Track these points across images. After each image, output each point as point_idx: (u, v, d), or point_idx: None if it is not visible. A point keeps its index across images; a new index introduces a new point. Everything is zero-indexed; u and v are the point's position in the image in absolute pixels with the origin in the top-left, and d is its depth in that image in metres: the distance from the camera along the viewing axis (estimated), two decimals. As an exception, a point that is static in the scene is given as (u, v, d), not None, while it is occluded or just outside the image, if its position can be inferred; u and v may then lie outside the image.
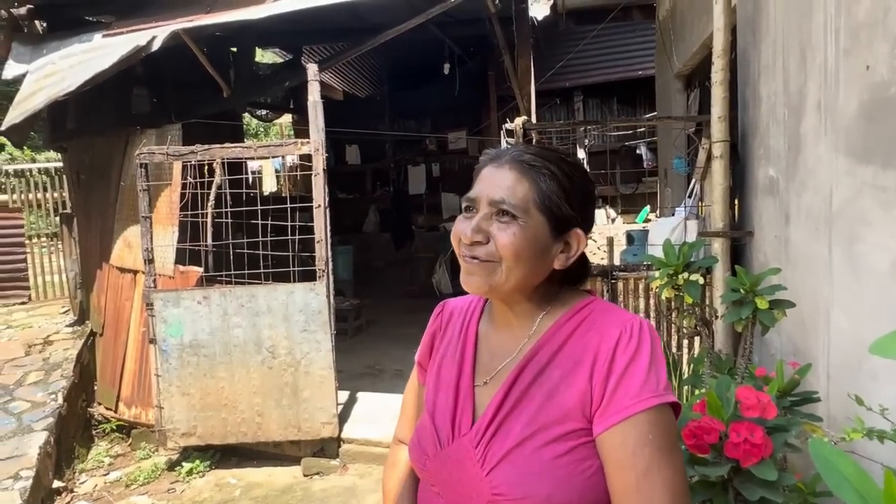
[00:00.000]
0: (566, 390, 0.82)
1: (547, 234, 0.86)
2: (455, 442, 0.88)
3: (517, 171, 0.86)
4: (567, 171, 0.87)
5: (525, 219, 0.84)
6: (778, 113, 2.33)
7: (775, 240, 2.37)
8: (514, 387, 0.86)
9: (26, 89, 4.19)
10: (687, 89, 4.64)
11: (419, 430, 0.96)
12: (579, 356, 0.83)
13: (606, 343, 0.82)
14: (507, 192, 0.85)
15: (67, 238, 5.67)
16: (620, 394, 0.78)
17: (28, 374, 4.36)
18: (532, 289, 0.89)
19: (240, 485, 3.59)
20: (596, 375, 0.81)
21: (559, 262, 0.87)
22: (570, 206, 0.86)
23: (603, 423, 0.79)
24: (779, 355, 2.25)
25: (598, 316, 0.87)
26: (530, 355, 0.87)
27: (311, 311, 3.61)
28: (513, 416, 0.84)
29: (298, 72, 5.09)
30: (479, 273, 0.86)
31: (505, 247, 0.84)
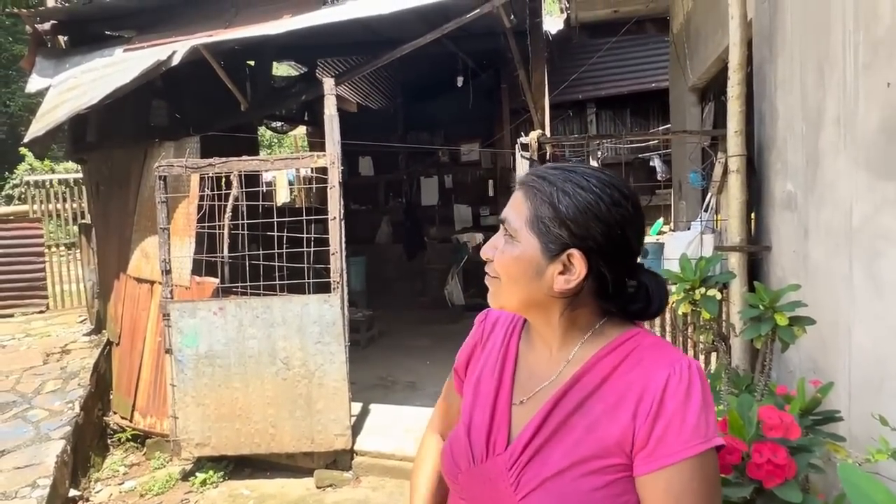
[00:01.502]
0: (608, 425, 0.81)
1: (538, 255, 0.84)
2: (489, 461, 0.88)
3: (522, 192, 0.88)
4: (569, 190, 0.84)
5: (519, 238, 0.86)
6: (795, 127, 2.32)
7: (794, 255, 2.35)
8: (552, 413, 0.84)
9: (49, 102, 4.28)
10: (701, 102, 4.63)
11: (453, 442, 0.96)
12: (623, 392, 0.81)
13: (654, 383, 0.80)
14: (510, 212, 0.88)
15: (86, 248, 5.76)
16: (670, 438, 0.77)
17: (46, 382, 4.41)
18: (554, 311, 0.88)
19: (253, 496, 3.60)
20: (641, 415, 0.79)
21: (559, 284, 0.84)
22: (564, 227, 0.83)
23: (648, 465, 0.77)
24: (798, 372, 2.22)
25: (645, 352, 0.84)
26: (571, 383, 0.85)
27: (326, 323, 3.62)
28: (551, 444, 0.83)
29: (314, 85, 5.16)
30: (490, 289, 0.91)
31: (498, 265, 0.87)
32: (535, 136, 3.26)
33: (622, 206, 0.84)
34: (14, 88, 12.87)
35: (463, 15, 3.76)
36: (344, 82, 6.84)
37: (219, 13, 4.33)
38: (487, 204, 8.89)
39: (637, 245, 0.87)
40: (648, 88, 7.76)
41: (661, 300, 0.89)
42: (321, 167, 3.69)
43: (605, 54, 7.09)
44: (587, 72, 7.38)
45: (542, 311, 0.88)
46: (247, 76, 5.83)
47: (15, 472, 3.33)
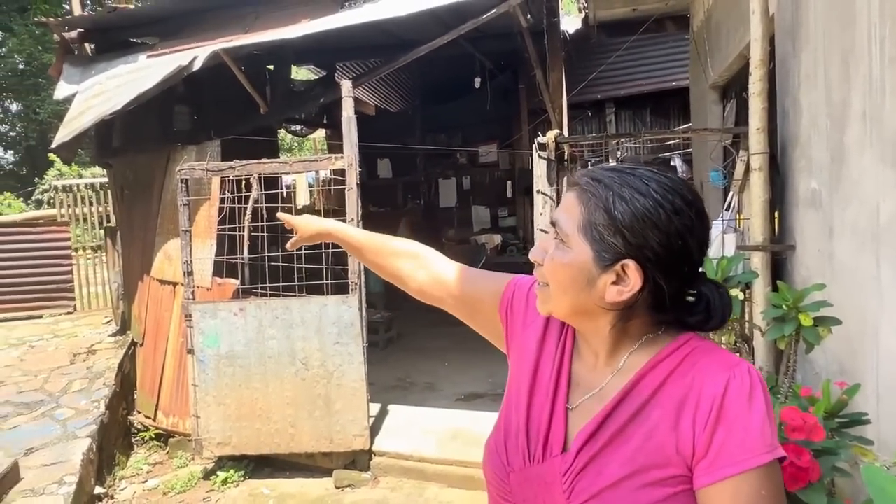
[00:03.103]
0: (667, 433, 0.76)
1: (590, 264, 0.79)
2: (546, 462, 0.84)
3: (575, 194, 0.83)
4: (626, 195, 0.78)
5: (570, 244, 0.81)
6: (820, 124, 2.27)
7: (818, 254, 2.29)
8: (607, 421, 0.80)
9: (76, 109, 4.39)
10: (723, 100, 4.55)
11: (507, 438, 0.90)
12: (681, 397, 0.77)
13: (712, 387, 0.75)
14: (561, 215, 0.83)
15: (111, 251, 5.88)
16: (733, 445, 0.72)
17: (73, 382, 4.52)
18: (606, 320, 0.83)
19: (273, 495, 3.63)
20: (700, 422, 0.74)
21: (610, 295, 0.79)
22: (620, 235, 0.77)
23: (711, 474, 0.73)
24: (824, 374, 2.17)
25: (700, 356, 0.80)
26: (626, 391, 0.81)
27: (344, 324, 3.64)
28: (607, 453, 0.79)
29: (332, 88, 5.20)
30: (538, 295, 0.87)
31: (547, 271, 0.83)
32: (552, 135, 3.24)
33: (684, 213, 0.78)
34: (44, 96, 13.24)
35: (479, 16, 3.75)
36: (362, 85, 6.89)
37: (238, 19, 4.40)
38: (506, 205, 8.88)
39: (699, 256, 0.81)
40: (668, 87, 7.65)
41: (723, 314, 0.82)
42: (339, 169, 3.72)
43: (624, 53, 7.02)
44: (605, 71, 7.32)
45: (591, 321, 0.84)
46: (266, 80, 5.90)
47: (43, 469, 3.41)
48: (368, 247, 1.21)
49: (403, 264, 1.15)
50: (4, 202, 11.21)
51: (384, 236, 1.22)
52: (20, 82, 13.61)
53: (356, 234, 1.25)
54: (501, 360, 1.10)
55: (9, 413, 4.07)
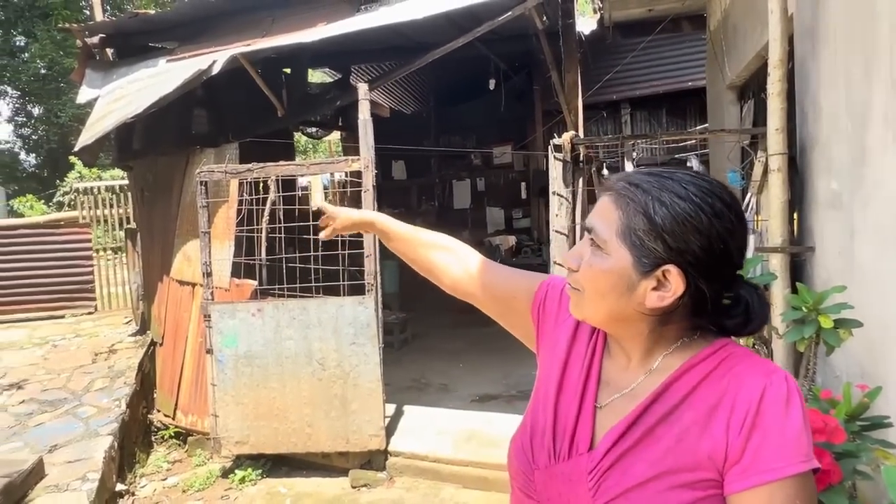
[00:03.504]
0: (699, 436, 0.76)
1: (630, 269, 0.79)
2: (571, 460, 0.84)
3: (612, 199, 0.82)
4: (667, 200, 0.77)
5: (608, 249, 0.80)
6: (840, 124, 2.25)
7: (839, 256, 2.27)
8: (638, 422, 0.80)
9: (97, 112, 4.48)
10: (740, 100, 4.52)
11: (534, 435, 0.90)
12: (715, 402, 0.76)
13: (748, 392, 0.74)
14: (596, 221, 0.82)
15: (131, 252, 5.98)
16: (768, 452, 0.71)
17: (95, 380, 4.60)
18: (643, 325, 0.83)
19: (290, 494, 3.67)
20: (734, 427, 0.74)
21: (651, 301, 0.78)
22: (661, 241, 0.77)
23: (744, 480, 0.72)
24: (844, 377, 2.15)
25: (736, 361, 0.79)
26: (658, 392, 0.81)
27: (360, 325, 3.67)
28: (635, 453, 0.79)
29: (348, 91, 5.25)
30: (572, 300, 0.87)
31: (582, 275, 0.82)
32: (568, 137, 3.24)
33: (724, 216, 0.77)
34: (65, 100, 13.48)
35: (495, 18, 3.77)
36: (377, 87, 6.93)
37: (256, 23, 4.45)
38: (520, 206, 8.87)
39: (739, 259, 0.80)
40: (685, 87, 7.60)
41: (762, 317, 0.81)
42: (355, 171, 3.75)
43: (640, 53, 6.98)
44: (621, 71, 7.28)
45: (628, 326, 0.84)
46: (282, 83, 5.97)
47: (67, 465, 3.48)
48: (406, 239, 1.22)
49: (439, 258, 1.16)
50: (26, 204, 11.43)
51: (421, 229, 1.23)
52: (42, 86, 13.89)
53: (394, 226, 1.25)
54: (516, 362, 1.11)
55: (34, 410, 4.16)
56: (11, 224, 7.24)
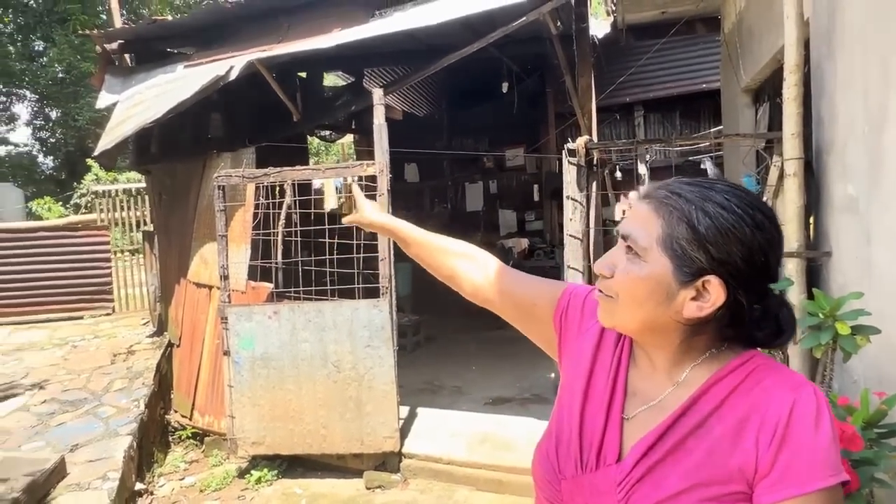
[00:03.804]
0: (729, 449, 0.76)
1: (670, 278, 0.79)
2: (599, 470, 0.84)
3: (651, 207, 0.81)
4: (710, 210, 0.77)
5: (647, 258, 0.79)
6: (857, 128, 2.24)
7: (856, 261, 2.26)
8: (668, 434, 0.80)
9: (116, 117, 4.56)
10: (755, 103, 4.50)
11: (559, 444, 0.90)
12: (744, 415, 0.77)
13: (779, 406, 0.75)
14: (634, 228, 0.82)
15: (149, 254, 6.07)
16: (799, 465, 0.72)
17: (114, 381, 4.68)
18: (675, 335, 0.83)
19: (305, 495, 3.71)
20: (763, 440, 0.74)
21: (689, 311, 0.79)
22: (703, 250, 0.77)
23: (774, 493, 0.73)
24: (862, 383, 2.14)
25: (764, 373, 0.80)
26: (687, 404, 0.81)
27: (375, 327, 3.70)
28: (666, 465, 0.79)
29: (362, 95, 5.29)
30: (602, 308, 0.86)
31: (618, 283, 0.81)
32: (582, 141, 3.25)
33: (766, 228, 0.78)
34: (82, 104, 13.68)
35: (509, 23, 3.79)
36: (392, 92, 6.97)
37: (272, 29, 4.51)
38: (532, 209, 8.87)
39: (777, 271, 0.81)
40: (699, 89, 7.57)
41: (792, 329, 0.82)
42: (370, 175, 3.79)
43: (653, 55, 6.96)
44: (634, 74, 7.26)
45: (660, 335, 0.84)
46: (297, 87, 6.03)
47: (87, 464, 3.55)
48: (425, 245, 1.22)
49: (459, 264, 1.17)
50: (44, 206, 11.62)
51: (441, 237, 1.23)
52: (60, 90, 14.11)
53: (414, 233, 1.25)
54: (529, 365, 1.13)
55: (55, 410, 4.24)
56: (32, 226, 7.38)
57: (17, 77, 14.42)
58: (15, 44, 14.29)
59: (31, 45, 14.55)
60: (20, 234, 7.02)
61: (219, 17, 4.73)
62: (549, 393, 4.60)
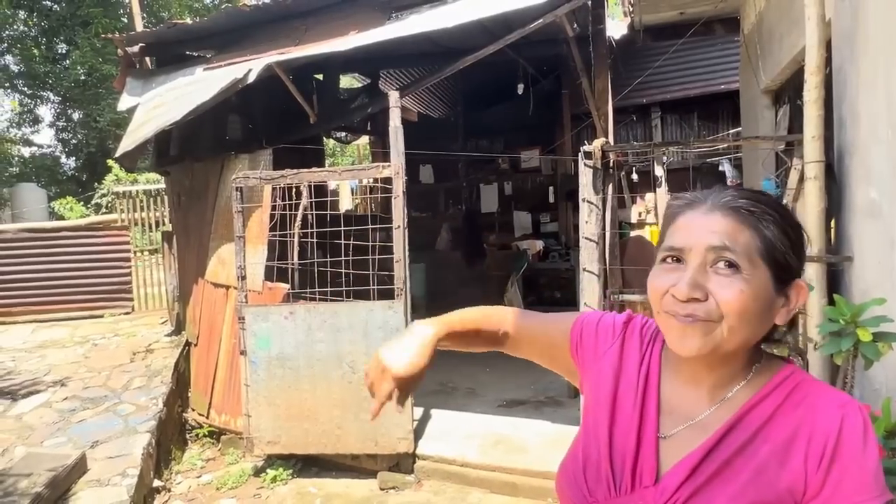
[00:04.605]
0: (778, 469, 0.75)
1: (771, 288, 0.77)
2: (635, 492, 0.82)
3: (734, 218, 0.78)
4: (788, 216, 0.79)
5: (750, 271, 0.76)
6: (880, 131, 2.20)
7: (879, 266, 2.22)
8: (714, 453, 0.78)
9: (137, 119, 4.63)
10: (775, 105, 4.44)
11: (587, 467, 0.88)
12: (791, 432, 0.76)
13: (826, 424, 0.74)
14: (729, 240, 0.76)
15: (168, 254, 6.15)
16: (848, 486, 0.72)
17: (133, 379, 4.75)
18: (743, 354, 0.82)
19: (319, 494, 3.73)
20: (812, 459, 0.74)
21: (781, 318, 0.79)
22: (796, 255, 0.79)
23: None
24: (883, 391, 2.10)
25: (808, 389, 0.79)
26: (732, 423, 0.79)
27: (390, 329, 3.72)
28: (714, 486, 0.77)
29: (378, 96, 5.32)
30: (696, 335, 0.77)
31: (730, 304, 0.75)
32: (598, 144, 3.24)
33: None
34: (103, 105, 13.90)
35: (526, 25, 3.79)
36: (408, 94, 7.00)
37: (289, 32, 4.55)
38: (547, 211, 8.83)
39: None
40: (717, 90, 7.49)
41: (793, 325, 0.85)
42: (386, 177, 3.81)
43: (671, 57, 6.91)
44: (651, 75, 7.21)
45: (739, 353, 0.81)
46: (314, 89, 6.08)
47: (107, 461, 3.61)
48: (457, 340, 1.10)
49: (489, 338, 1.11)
50: (66, 206, 11.83)
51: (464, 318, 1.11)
52: (82, 92, 14.35)
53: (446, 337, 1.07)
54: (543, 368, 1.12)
55: (76, 407, 4.32)
56: (54, 227, 7.53)
57: (41, 79, 14.71)
58: (39, 47, 14.57)
59: (54, 48, 14.82)
60: (43, 233, 7.16)
61: (237, 20, 4.79)
62: (564, 396, 4.58)
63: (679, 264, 0.79)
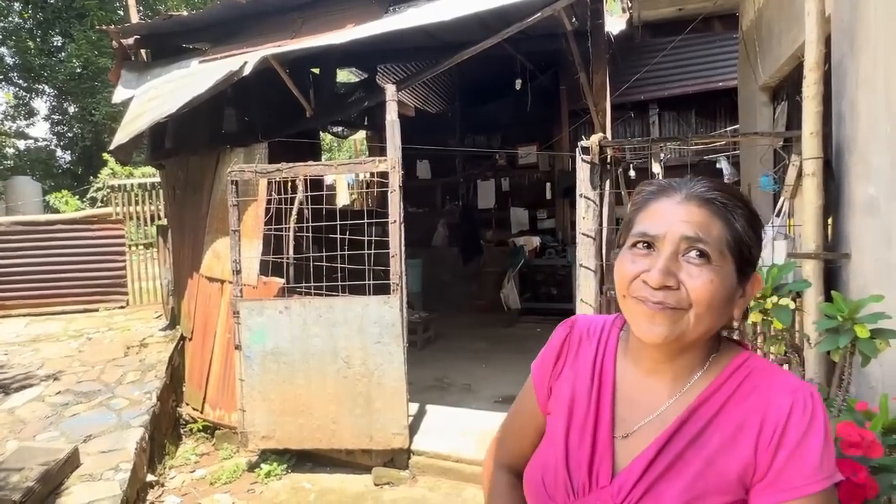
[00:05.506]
0: (728, 458, 0.77)
1: (734, 280, 0.79)
2: (592, 494, 0.83)
3: (708, 210, 0.79)
4: (753, 210, 0.81)
5: (719, 262, 0.77)
6: (879, 128, 2.19)
7: (876, 263, 2.21)
8: (666, 447, 0.80)
9: (132, 112, 4.59)
10: (773, 101, 4.43)
11: (545, 472, 0.89)
12: (741, 421, 0.78)
13: (776, 412, 0.76)
14: (702, 231, 0.78)
15: (162, 248, 6.12)
16: (793, 470, 0.73)
17: (127, 373, 4.72)
18: (704, 343, 0.83)
19: (314, 489, 3.72)
20: (762, 445, 0.75)
21: (738, 309, 0.81)
22: (757, 248, 0.81)
23: (766, 497, 0.74)
24: (881, 388, 2.10)
25: (760, 377, 0.81)
26: (685, 416, 0.80)
27: (385, 324, 3.70)
28: (666, 480, 0.78)
29: (375, 91, 5.29)
30: (664, 322, 0.78)
31: (699, 293, 0.76)
32: (596, 139, 3.22)
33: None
34: (99, 98, 13.82)
35: (524, 19, 3.76)
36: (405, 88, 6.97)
37: (286, 24, 4.52)
38: (544, 207, 8.83)
39: None
40: (715, 87, 7.47)
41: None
42: (382, 171, 3.78)
43: (669, 53, 6.89)
44: (649, 71, 7.19)
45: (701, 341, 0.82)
46: (310, 83, 6.04)
47: (100, 455, 3.59)
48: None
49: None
50: (61, 199, 11.76)
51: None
52: (77, 85, 14.24)
53: None
54: None
55: (69, 401, 4.29)
56: (49, 220, 7.47)
57: (36, 72, 14.60)
58: (34, 39, 14.46)
59: (49, 41, 14.71)
60: (38, 227, 7.11)
61: (233, 12, 4.74)
62: (560, 392, 4.58)
63: (650, 251, 0.80)
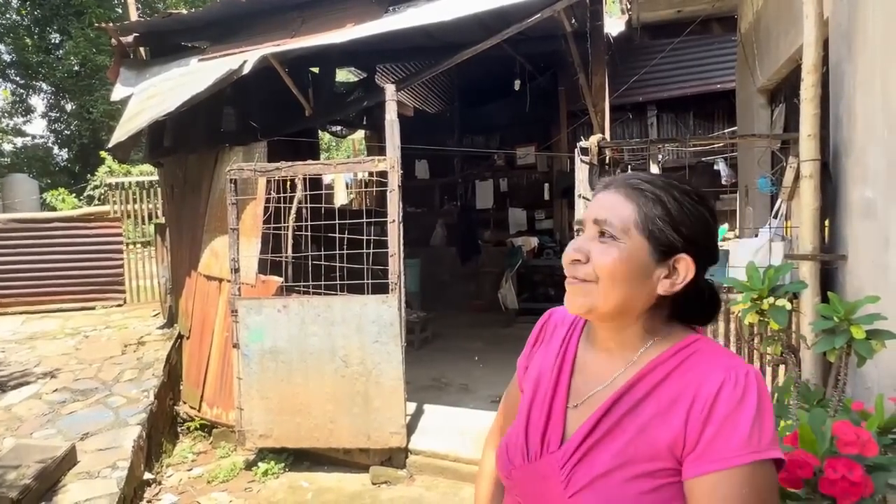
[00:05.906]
0: (659, 428, 0.82)
1: (647, 258, 0.85)
2: (542, 458, 0.90)
3: (622, 194, 0.88)
4: (677, 196, 0.86)
5: (624, 240, 0.85)
6: (876, 131, 2.21)
7: (873, 265, 2.23)
8: (606, 415, 0.86)
9: (131, 110, 4.58)
10: (771, 104, 4.45)
11: (509, 438, 0.99)
12: (676, 395, 0.83)
13: (708, 387, 0.80)
14: (609, 213, 0.86)
15: (160, 246, 6.11)
16: (720, 443, 0.77)
17: (124, 371, 4.72)
18: (636, 316, 0.89)
19: (311, 488, 3.72)
20: (692, 419, 0.79)
21: (663, 288, 0.86)
22: (676, 231, 0.85)
23: (696, 468, 0.78)
24: (876, 389, 2.11)
25: (701, 357, 0.85)
26: (627, 387, 0.87)
27: (384, 323, 3.71)
28: (602, 445, 0.85)
29: (374, 90, 5.30)
30: (577, 294, 0.88)
31: (601, 266, 0.85)
32: (594, 140, 3.23)
33: (714, 216, 0.90)
34: (97, 96, 13.78)
35: (523, 20, 3.77)
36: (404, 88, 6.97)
37: (285, 23, 4.52)
38: (543, 207, 8.84)
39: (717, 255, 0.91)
40: (713, 89, 7.50)
41: (717, 306, 0.94)
42: (381, 171, 3.79)
43: (668, 55, 6.91)
44: (648, 73, 7.21)
45: (627, 315, 0.88)
46: (310, 83, 6.04)
47: (97, 453, 3.59)
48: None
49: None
50: (58, 197, 11.73)
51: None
52: (75, 83, 14.21)
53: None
54: None
55: (66, 399, 4.29)
56: (46, 217, 7.45)
57: (33, 69, 14.55)
58: (32, 36, 14.41)
59: (47, 38, 14.67)
60: (35, 224, 7.09)
61: (233, 11, 4.75)
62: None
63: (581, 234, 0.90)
